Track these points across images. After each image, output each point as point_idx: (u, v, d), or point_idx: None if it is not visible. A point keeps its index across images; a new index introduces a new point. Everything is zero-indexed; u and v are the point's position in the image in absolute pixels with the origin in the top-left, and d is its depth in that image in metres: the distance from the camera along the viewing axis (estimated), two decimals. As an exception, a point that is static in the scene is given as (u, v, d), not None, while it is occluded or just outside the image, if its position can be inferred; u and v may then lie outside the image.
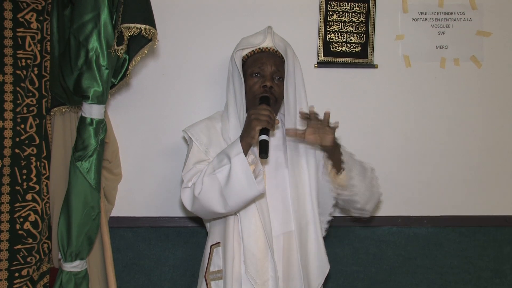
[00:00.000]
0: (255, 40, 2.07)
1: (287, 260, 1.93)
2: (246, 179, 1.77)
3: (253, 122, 1.79)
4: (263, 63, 2.00)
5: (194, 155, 1.99)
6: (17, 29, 1.96)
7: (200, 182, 1.83)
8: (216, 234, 2.02)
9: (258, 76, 2.00)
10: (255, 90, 1.99)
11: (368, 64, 2.47)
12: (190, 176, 1.91)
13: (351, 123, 2.48)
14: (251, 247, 1.88)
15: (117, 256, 2.41)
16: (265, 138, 1.78)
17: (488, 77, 2.52)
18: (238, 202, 1.82)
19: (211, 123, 2.07)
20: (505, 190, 2.55)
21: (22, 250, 1.98)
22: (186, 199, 1.90)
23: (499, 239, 2.55)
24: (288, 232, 1.95)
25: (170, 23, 2.41)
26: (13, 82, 1.96)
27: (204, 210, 1.89)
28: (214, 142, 2.02)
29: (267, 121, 1.79)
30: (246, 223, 1.91)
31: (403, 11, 2.49)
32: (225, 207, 1.83)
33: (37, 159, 2.03)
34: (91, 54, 1.86)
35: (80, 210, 1.94)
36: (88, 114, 1.92)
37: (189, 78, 2.45)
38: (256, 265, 1.87)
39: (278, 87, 2.00)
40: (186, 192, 1.90)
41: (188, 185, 1.89)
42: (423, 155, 2.52)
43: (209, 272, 1.99)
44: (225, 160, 1.81)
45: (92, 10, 1.85)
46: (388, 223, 2.52)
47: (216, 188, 1.81)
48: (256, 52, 2.06)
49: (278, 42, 2.05)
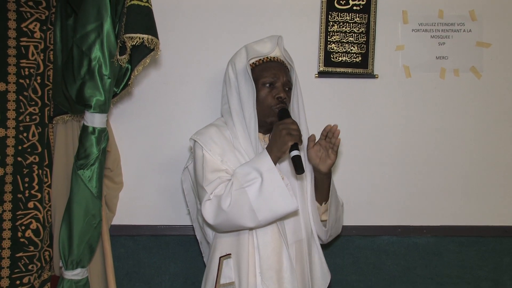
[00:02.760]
0: (263, 48, 2.04)
1: (300, 268, 1.92)
2: (280, 194, 1.75)
3: (286, 137, 1.77)
4: (275, 74, 1.97)
5: (209, 165, 1.91)
6: (20, 39, 1.98)
7: (228, 196, 1.77)
8: (226, 246, 1.94)
9: (270, 87, 1.97)
10: (270, 101, 1.96)
11: (369, 74, 2.49)
12: (212, 188, 1.85)
13: (351, 133, 2.49)
14: (268, 258, 1.86)
15: (118, 264, 2.41)
16: (298, 153, 1.77)
17: (487, 88, 2.53)
18: (270, 217, 1.78)
19: (220, 131, 1.99)
20: (504, 201, 2.55)
21: (23, 257, 1.99)
22: (209, 211, 1.83)
23: (499, 249, 2.55)
24: (299, 241, 1.94)
25: (172, 33, 2.43)
26: (16, 91, 1.98)
27: (230, 223, 1.82)
28: (227, 150, 1.94)
29: (298, 136, 1.78)
30: (262, 234, 1.87)
31: (403, 22, 2.51)
32: (255, 221, 1.78)
33: (39, 167, 2.04)
34: (94, 64, 1.88)
35: (82, 218, 1.95)
36: (90, 123, 1.93)
37: (190, 87, 2.46)
38: (273, 277, 1.85)
39: (288, 98, 1.99)
40: (208, 204, 1.83)
41: (210, 197, 1.84)
42: (423, 165, 2.53)
43: (219, 285, 1.91)
44: (253, 174, 1.77)
45: (95, 20, 1.87)
46: (388, 233, 2.52)
47: (245, 203, 1.76)
48: (265, 61, 2.02)
49: (285, 52, 2.05)
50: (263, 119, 1.97)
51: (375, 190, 2.52)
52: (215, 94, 2.44)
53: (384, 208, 2.52)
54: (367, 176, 2.51)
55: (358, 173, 2.49)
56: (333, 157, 1.87)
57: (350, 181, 2.47)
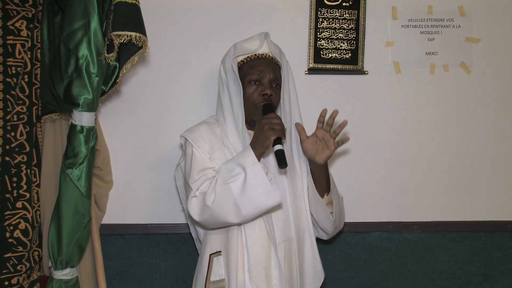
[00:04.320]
0: (251, 46, 2.02)
1: (289, 267, 1.92)
2: (264, 189, 1.74)
3: (268, 132, 1.76)
4: (261, 71, 1.97)
5: (197, 162, 1.92)
6: (7, 37, 1.96)
7: (213, 192, 1.78)
8: (216, 243, 1.95)
9: (257, 84, 1.97)
10: (255, 98, 1.95)
11: (359, 70, 2.48)
12: (198, 185, 1.86)
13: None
14: (256, 255, 1.86)
15: (108, 264, 2.40)
16: (281, 147, 1.76)
17: (477, 83, 2.54)
18: (253, 212, 1.79)
19: (210, 128, 2.01)
20: (495, 196, 2.56)
21: (12, 258, 1.97)
22: (195, 208, 1.84)
23: (489, 244, 2.56)
24: (289, 240, 1.93)
25: (161, 30, 2.42)
26: (3, 90, 1.96)
27: (215, 220, 1.83)
28: (216, 147, 1.96)
29: (281, 130, 1.77)
30: (250, 231, 1.87)
31: (393, 18, 2.51)
32: (239, 217, 1.78)
33: (28, 167, 2.02)
34: (81, 62, 1.86)
35: (71, 217, 1.93)
36: (79, 122, 1.91)
37: (179, 85, 2.45)
38: (261, 273, 1.85)
39: (276, 95, 1.98)
40: (194, 201, 1.84)
41: (196, 194, 1.84)
42: (414, 161, 2.53)
43: (209, 282, 1.92)
44: (237, 170, 1.77)
45: (82, 18, 1.85)
46: (379, 229, 2.53)
47: (229, 198, 1.76)
48: (253, 58, 2.01)
49: (274, 49, 2.03)
50: (249, 117, 1.97)
51: (366, 187, 2.52)
52: (205, 92, 2.43)
53: (375, 205, 2.52)
54: (358, 173, 2.51)
55: (348, 169, 2.49)
56: (332, 147, 1.86)
57: (340, 177, 2.45)
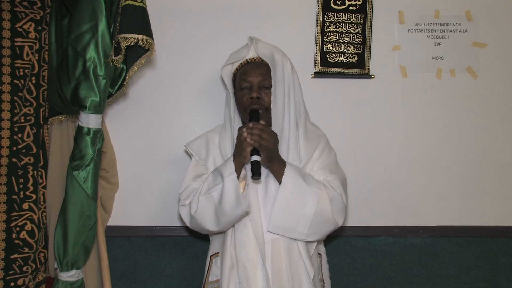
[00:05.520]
0: (240, 53, 2.07)
1: (277, 266, 1.90)
2: (235, 199, 1.79)
3: (244, 143, 1.79)
4: (248, 75, 1.99)
5: (193, 170, 2.03)
6: (15, 39, 1.97)
7: (196, 201, 1.88)
8: (216, 245, 2.04)
9: (247, 89, 1.99)
10: (244, 102, 1.98)
11: (365, 74, 2.48)
12: (186, 194, 1.96)
13: (348, 134, 2.49)
14: (242, 256, 1.88)
15: (114, 266, 2.40)
16: (257, 158, 1.77)
17: (483, 88, 2.53)
18: (229, 220, 1.86)
19: (211, 136, 2.10)
20: (500, 201, 2.55)
21: (18, 259, 1.97)
22: (185, 217, 1.97)
23: (495, 250, 2.55)
24: (277, 239, 1.92)
25: (168, 33, 2.42)
26: (11, 92, 1.97)
27: (200, 228, 1.95)
28: (211, 155, 2.05)
29: (258, 141, 1.79)
30: (239, 233, 1.91)
31: (400, 22, 2.51)
32: (218, 225, 1.88)
33: (34, 168, 2.03)
34: (89, 64, 1.86)
35: (77, 219, 1.93)
36: (85, 124, 1.92)
37: (186, 88, 2.46)
38: (247, 275, 1.86)
39: (267, 96, 1.98)
40: (184, 210, 1.96)
41: (185, 203, 1.94)
42: (419, 165, 2.53)
43: (207, 282, 2.00)
44: (218, 179, 1.83)
45: (90, 20, 1.86)
46: (385, 233, 2.52)
47: (211, 207, 1.85)
48: (244, 64, 2.05)
49: (263, 50, 2.03)
50: (244, 122, 2.01)
51: (372, 191, 2.51)
52: (211, 94, 2.43)
53: (380, 209, 2.52)
54: (364, 177, 2.51)
55: (354, 173, 2.48)
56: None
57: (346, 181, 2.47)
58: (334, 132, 2.41)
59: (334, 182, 1.96)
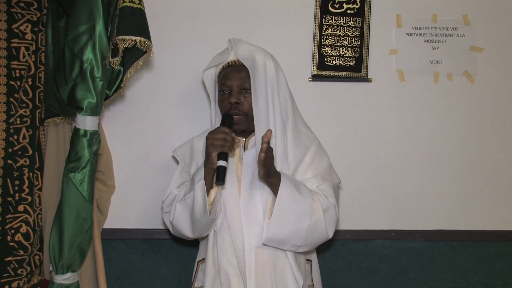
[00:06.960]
0: (222, 56, 2.03)
1: (261, 274, 1.86)
2: (203, 205, 1.77)
3: (209, 148, 1.75)
4: (227, 79, 1.95)
5: (177, 177, 2.05)
6: (11, 40, 1.97)
7: (174, 209, 1.89)
8: (202, 250, 2.02)
9: (227, 93, 1.95)
10: (224, 107, 1.95)
11: (362, 78, 2.48)
12: (168, 202, 1.97)
13: (345, 137, 2.49)
14: (224, 263, 1.85)
15: (109, 268, 2.39)
16: (223, 164, 1.73)
17: (481, 92, 2.53)
18: (202, 227, 1.85)
19: (196, 141, 2.08)
20: (498, 205, 2.55)
21: (12, 262, 1.97)
22: (167, 222, 1.99)
23: (492, 254, 2.55)
24: (261, 246, 1.86)
25: (165, 35, 2.42)
26: (7, 93, 1.96)
27: (180, 234, 1.95)
28: (194, 161, 2.04)
29: (222, 145, 1.73)
30: (220, 240, 1.88)
31: (397, 26, 2.51)
32: (193, 232, 1.88)
33: (30, 170, 2.02)
34: (86, 66, 1.86)
35: (73, 221, 1.93)
36: (82, 126, 1.91)
37: (183, 90, 2.45)
38: (229, 282, 1.84)
39: (247, 101, 1.93)
40: (166, 217, 1.98)
41: (168, 210, 1.95)
42: (417, 169, 2.52)
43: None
44: (192, 186, 1.83)
45: (87, 22, 1.85)
46: (381, 237, 2.52)
47: (187, 213, 1.85)
48: (225, 67, 2.01)
49: (243, 52, 1.98)
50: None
51: (369, 194, 2.51)
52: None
53: (377, 212, 2.51)
54: (361, 180, 2.51)
55: (351, 177, 2.48)
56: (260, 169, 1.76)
57: (343, 185, 2.46)
58: (331, 136, 2.42)
59: (327, 190, 1.90)
